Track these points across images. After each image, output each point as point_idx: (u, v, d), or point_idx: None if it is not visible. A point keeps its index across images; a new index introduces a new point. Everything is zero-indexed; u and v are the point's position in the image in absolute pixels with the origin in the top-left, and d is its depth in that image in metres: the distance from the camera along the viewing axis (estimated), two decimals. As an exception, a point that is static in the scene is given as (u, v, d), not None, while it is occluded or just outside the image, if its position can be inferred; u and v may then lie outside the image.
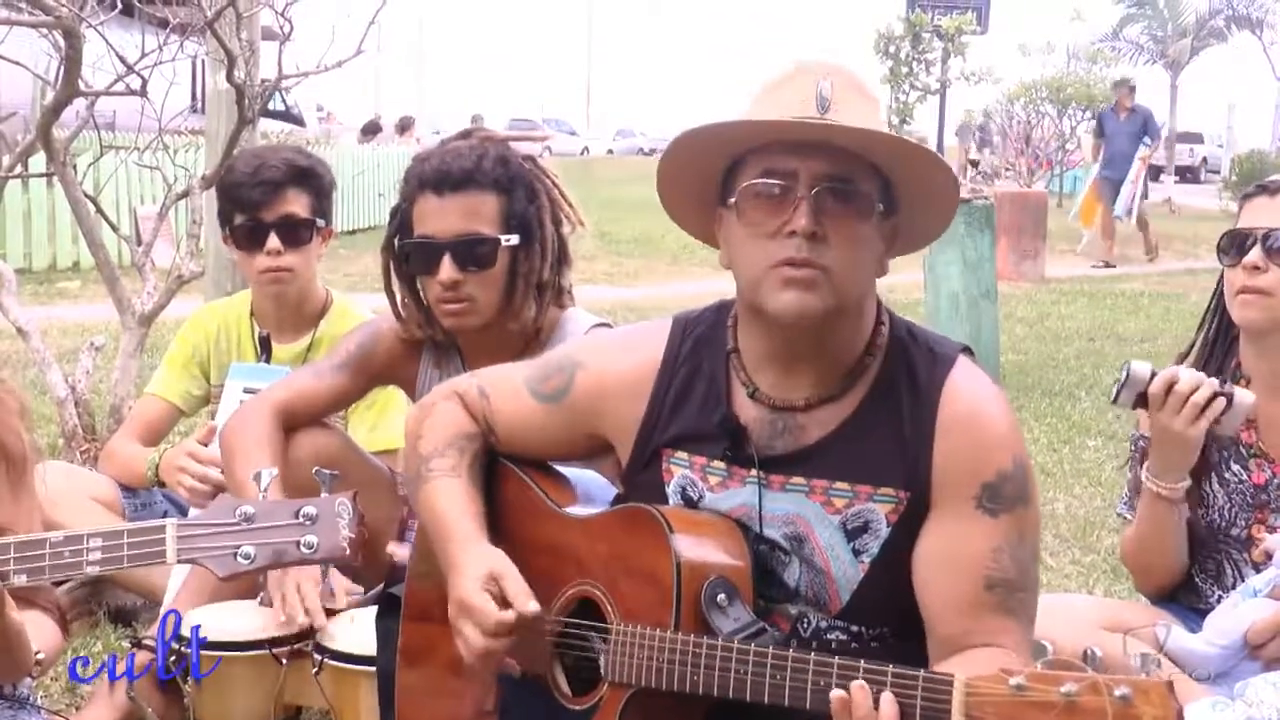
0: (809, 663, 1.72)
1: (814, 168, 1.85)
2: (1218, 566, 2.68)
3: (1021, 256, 13.24)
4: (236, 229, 3.40)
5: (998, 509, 1.87)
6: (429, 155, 2.76)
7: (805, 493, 1.95)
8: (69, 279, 11.35)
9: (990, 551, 1.86)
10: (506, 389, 2.17)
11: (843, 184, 1.86)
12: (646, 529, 1.92)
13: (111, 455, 3.55)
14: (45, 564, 1.94)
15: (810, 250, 1.84)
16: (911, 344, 1.98)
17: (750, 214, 1.89)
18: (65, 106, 4.31)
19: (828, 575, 1.94)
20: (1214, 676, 2.42)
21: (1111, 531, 4.53)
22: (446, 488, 2.10)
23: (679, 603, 1.85)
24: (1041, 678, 1.50)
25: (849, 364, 1.95)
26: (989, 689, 1.53)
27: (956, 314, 7.48)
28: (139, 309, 4.47)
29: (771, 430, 1.97)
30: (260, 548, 1.91)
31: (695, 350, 2.05)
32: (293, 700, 2.73)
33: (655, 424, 2.04)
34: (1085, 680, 1.47)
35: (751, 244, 1.89)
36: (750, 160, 1.90)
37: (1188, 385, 2.44)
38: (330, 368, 2.92)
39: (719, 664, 1.79)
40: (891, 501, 1.91)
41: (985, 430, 1.90)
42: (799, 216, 1.84)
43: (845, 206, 1.86)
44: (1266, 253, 2.56)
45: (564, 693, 1.99)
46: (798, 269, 1.85)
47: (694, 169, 1.97)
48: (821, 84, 1.87)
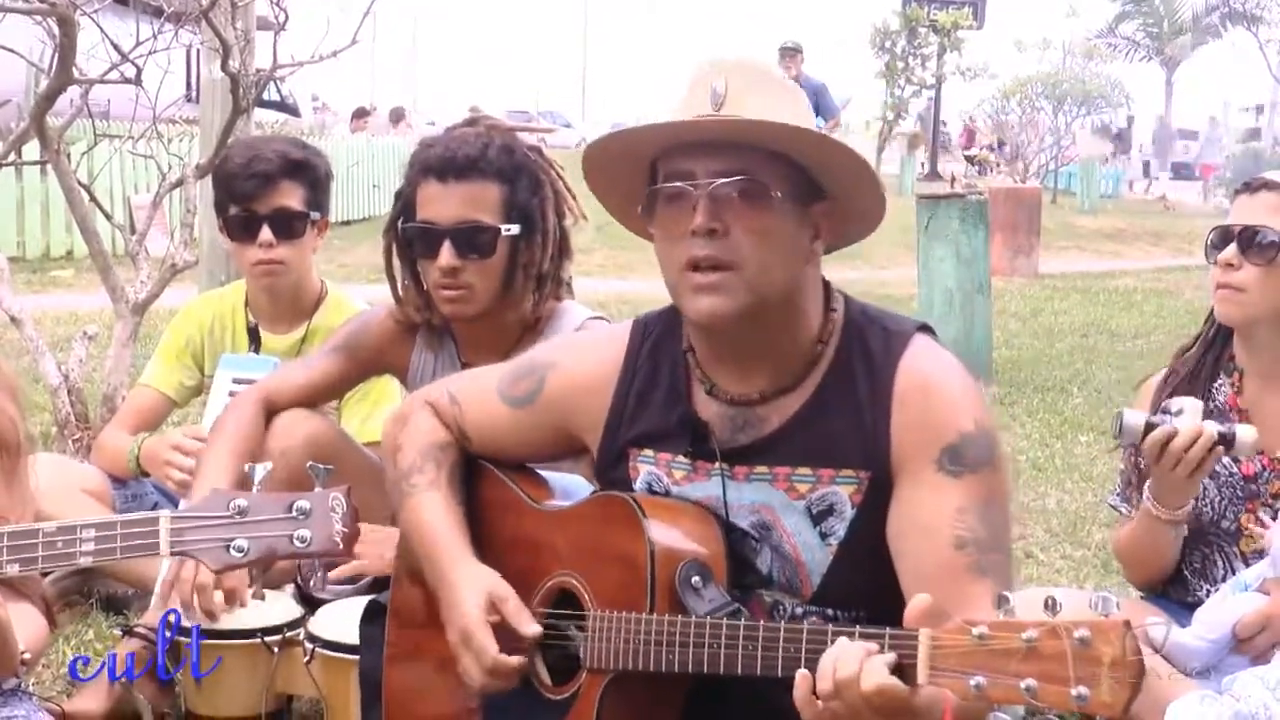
0: (779, 631, 1.75)
1: (710, 165, 1.87)
2: (1207, 560, 2.69)
3: (1016, 252, 13.26)
4: (230, 220, 3.40)
5: (961, 470, 1.87)
6: (435, 141, 2.77)
7: (769, 481, 1.97)
8: (62, 267, 11.34)
9: (955, 511, 1.85)
10: (478, 395, 2.20)
11: (738, 177, 1.86)
12: (620, 516, 1.94)
13: (101, 447, 3.55)
14: (39, 554, 1.94)
15: (713, 247, 1.86)
16: (866, 324, 1.98)
17: (658, 218, 1.93)
18: (59, 94, 4.31)
19: (797, 561, 1.96)
20: (1202, 670, 2.43)
21: (1102, 526, 4.54)
22: (428, 502, 2.13)
23: (653, 587, 1.87)
24: (1003, 625, 1.54)
25: (802, 353, 1.96)
26: (953, 640, 1.57)
27: (950, 309, 7.49)
28: (133, 298, 4.46)
29: (733, 425, 1.99)
30: (253, 541, 1.91)
31: (654, 351, 2.08)
32: (284, 689, 2.74)
33: (620, 423, 2.07)
34: (1045, 626, 1.51)
35: (664, 247, 1.93)
36: (659, 166, 1.94)
37: (1183, 444, 2.42)
38: (320, 355, 2.94)
39: (693, 640, 1.81)
40: (854, 483, 1.93)
41: (941, 397, 1.90)
42: (697, 215, 1.86)
43: (743, 199, 1.87)
44: (1241, 250, 2.59)
45: (544, 684, 2.00)
46: (704, 274, 1.87)
47: (619, 183, 2.01)
48: (715, 82, 1.89)
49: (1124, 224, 21.43)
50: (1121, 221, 21.83)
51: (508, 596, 1.98)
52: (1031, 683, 1.50)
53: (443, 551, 2.06)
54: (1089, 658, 1.48)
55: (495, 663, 1.95)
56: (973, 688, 1.54)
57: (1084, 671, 1.48)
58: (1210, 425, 2.43)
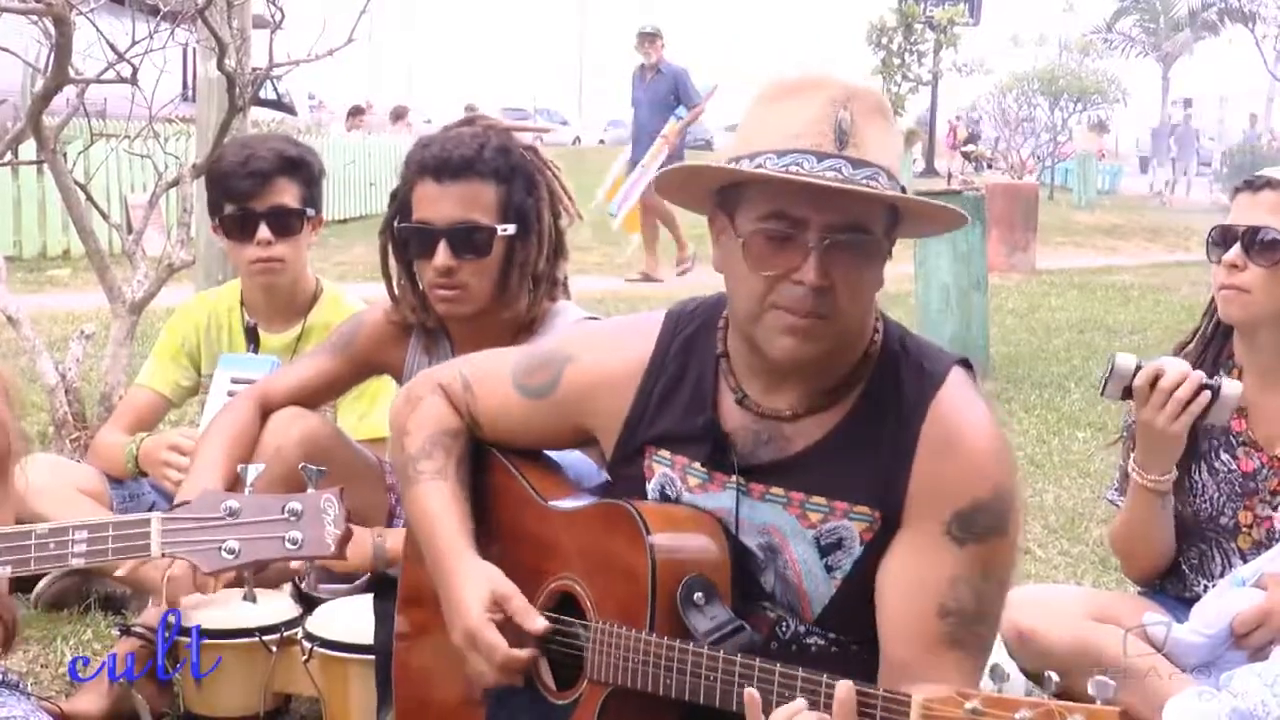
0: (775, 674, 1.73)
1: (827, 218, 1.77)
2: (1205, 556, 2.70)
3: (1013, 248, 13.25)
4: (226, 219, 3.39)
5: (965, 539, 1.83)
6: (430, 141, 2.76)
7: (783, 504, 1.93)
8: (59, 267, 11.32)
9: (948, 580, 1.82)
10: (491, 382, 2.15)
11: (855, 234, 1.78)
12: (623, 526, 1.91)
13: (98, 447, 3.54)
14: (30, 555, 1.94)
15: (816, 302, 1.78)
16: (903, 358, 1.92)
17: (756, 252, 1.80)
18: (55, 94, 4.30)
19: (799, 590, 1.93)
20: (1199, 666, 2.43)
21: (1100, 523, 4.54)
22: (434, 492, 2.10)
23: (654, 602, 1.85)
24: (997, 703, 1.53)
25: (840, 376, 1.91)
26: (945, 711, 1.55)
27: (947, 305, 7.49)
28: (129, 297, 4.46)
29: (756, 439, 1.94)
30: (245, 543, 1.91)
31: (684, 350, 2.02)
32: (282, 688, 2.74)
33: (640, 420, 2.02)
34: (1040, 708, 1.49)
35: (754, 279, 1.81)
36: (757, 196, 1.81)
37: (1171, 380, 2.45)
38: (316, 355, 2.95)
39: (690, 669, 1.79)
40: (866, 520, 1.89)
41: (964, 457, 1.85)
42: (808, 270, 1.76)
43: (856, 256, 1.79)
44: (1245, 251, 2.59)
45: (548, 686, 2.00)
46: (800, 319, 1.79)
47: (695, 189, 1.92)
48: (840, 114, 1.76)
49: (1120, 220, 21.44)
50: (1118, 217, 21.85)
51: (511, 594, 1.96)
52: None
53: (445, 545, 2.04)
54: None
55: (506, 658, 1.93)
56: None
57: None
58: (1198, 373, 2.47)
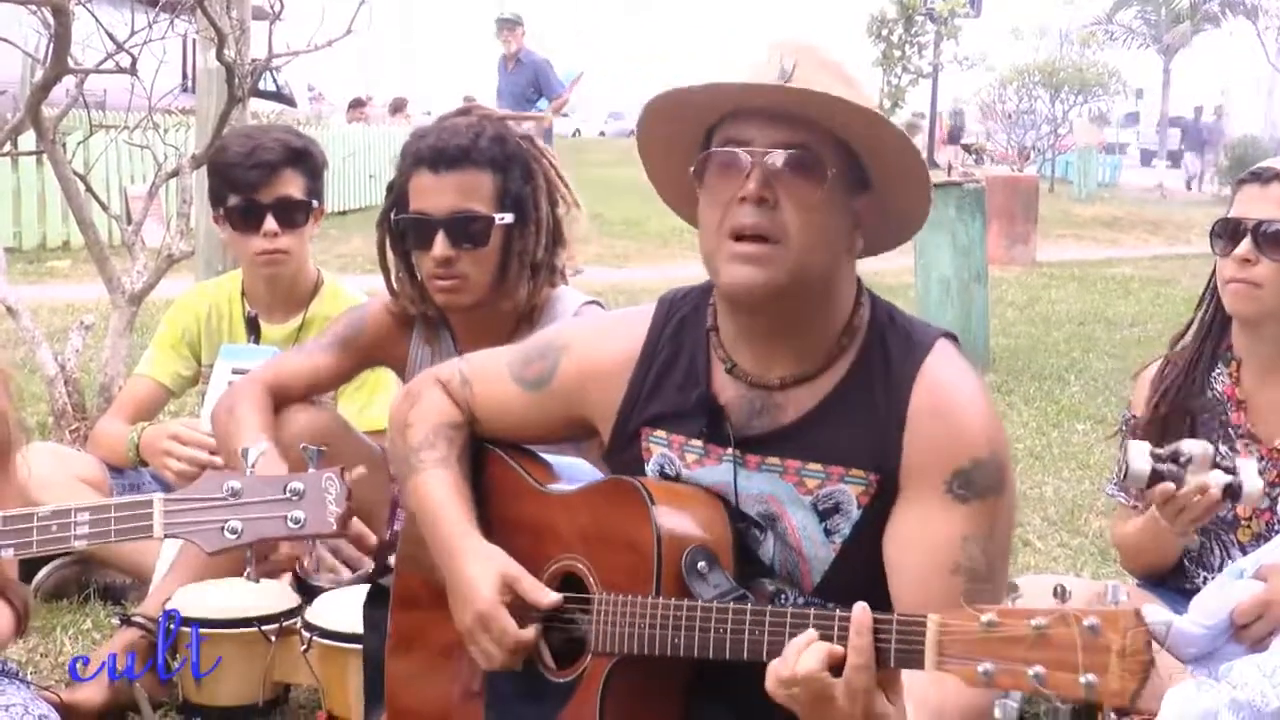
0: (786, 615, 1.74)
1: (770, 135, 1.85)
2: (1205, 548, 2.70)
3: (1013, 241, 13.26)
4: (231, 210, 3.39)
5: (968, 496, 1.86)
6: (426, 131, 2.76)
7: (779, 473, 1.96)
8: (59, 258, 11.32)
9: (959, 538, 1.86)
10: (489, 376, 2.18)
11: (797, 149, 1.85)
12: (628, 500, 1.93)
13: (98, 437, 3.55)
14: (33, 538, 1.94)
15: (761, 216, 1.84)
16: (890, 328, 1.97)
17: (708, 181, 1.90)
18: (54, 84, 4.29)
19: (800, 555, 1.96)
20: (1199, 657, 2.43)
21: (1100, 515, 4.55)
22: (437, 479, 2.11)
23: (660, 572, 1.87)
24: (1012, 613, 1.54)
25: (825, 345, 1.95)
26: (961, 627, 1.57)
27: (947, 298, 7.50)
28: (129, 288, 4.46)
29: (750, 409, 1.98)
30: (247, 523, 1.91)
31: (679, 330, 2.06)
32: (281, 678, 2.75)
33: (635, 404, 2.06)
34: (1054, 613, 1.51)
35: (708, 213, 1.90)
36: (717, 133, 1.92)
37: (1189, 495, 2.40)
38: (319, 347, 2.93)
39: (699, 624, 1.81)
40: (862, 484, 1.92)
41: (956, 419, 1.89)
42: (749, 182, 1.84)
43: (797, 173, 1.85)
44: (1256, 245, 2.56)
45: (548, 666, 2.01)
46: (747, 244, 1.85)
47: (671, 143, 1.98)
48: (785, 58, 1.86)
49: (1121, 212, 21.44)
50: (1118, 209, 21.84)
51: (520, 576, 1.98)
52: (1040, 670, 1.51)
53: (450, 530, 2.05)
54: (1098, 646, 1.48)
55: (518, 641, 1.95)
56: (981, 674, 1.54)
57: (1093, 660, 1.48)
58: (1217, 477, 2.40)
